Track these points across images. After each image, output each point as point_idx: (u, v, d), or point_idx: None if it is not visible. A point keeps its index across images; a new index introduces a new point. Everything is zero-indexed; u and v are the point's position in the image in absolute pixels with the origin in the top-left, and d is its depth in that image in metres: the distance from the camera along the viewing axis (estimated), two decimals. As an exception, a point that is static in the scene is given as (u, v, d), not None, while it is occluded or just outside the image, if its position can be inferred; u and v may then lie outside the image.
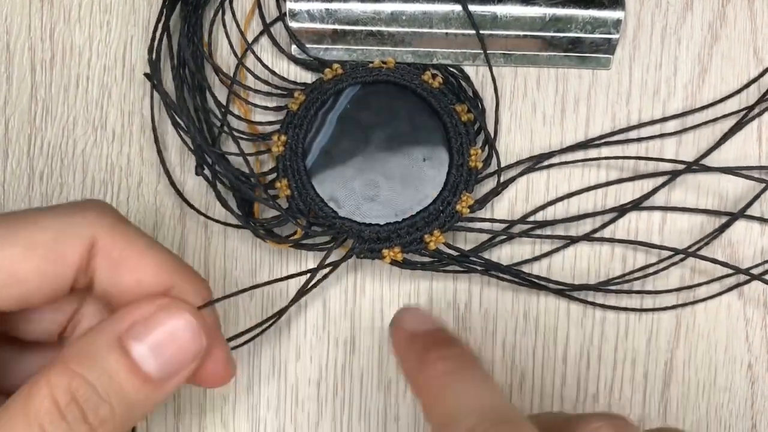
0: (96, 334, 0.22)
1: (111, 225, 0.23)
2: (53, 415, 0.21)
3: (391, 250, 0.29)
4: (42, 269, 0.22)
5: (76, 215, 0.23)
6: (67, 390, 0.21)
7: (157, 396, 0.22)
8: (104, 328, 0.22)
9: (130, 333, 0.22)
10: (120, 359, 0.21)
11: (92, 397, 0.21)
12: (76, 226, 0.23)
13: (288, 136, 0.30)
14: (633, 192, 0.31)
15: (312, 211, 0.30)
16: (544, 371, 0.31)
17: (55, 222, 0.23)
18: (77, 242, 0.23)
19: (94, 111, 0.31)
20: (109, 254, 0.23)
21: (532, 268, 0.31)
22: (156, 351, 0.22)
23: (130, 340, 0.22)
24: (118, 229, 0.23)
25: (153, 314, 0.22)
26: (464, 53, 0.30)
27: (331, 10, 0.30)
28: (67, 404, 0.21)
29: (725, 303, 0.31)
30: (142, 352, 0.22)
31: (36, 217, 0.23)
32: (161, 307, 0.22)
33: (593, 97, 0.31)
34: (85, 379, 0.21)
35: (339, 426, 0.32)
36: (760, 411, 0.32)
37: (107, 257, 0.23)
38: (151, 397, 0.22)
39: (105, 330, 0.22)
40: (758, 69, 0.31)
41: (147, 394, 0.22)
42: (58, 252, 0.22)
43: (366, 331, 0.31)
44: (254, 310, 0.31)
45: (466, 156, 0.30)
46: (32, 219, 0.23)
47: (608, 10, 0.29)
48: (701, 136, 0.31)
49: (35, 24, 0.31)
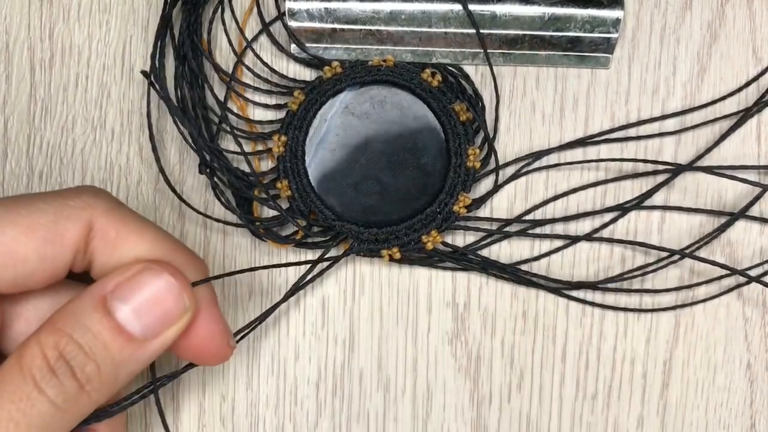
0: (82, 296, 0.23)
1: (107, 207, 0.24)
2: (44, 369, 0.21)
3: (390, 249, 0.30)
4: (41, 250, 0.23)
5: (73, 198, 0.24)
6: (55, 347, 0.22)
7: (142, 355, 0.23)
8: (90, 290, 0.23)
9: (113, 294, 0.23)
10: (103, 319, 0.22)
11: (78, 355, 0.22)
12: (73, 208, 0.23)
13: (288, 137, 0.30)
14: (632, 191, 0.31)
15: (312, 213, 0.30)
16: (543, 370, 0.31)
17: (53, 205, 0.23)
18: (75, 224, 0.23)
19: (94, 110, 0.31)
20: (106, 235, 0.24)
21: (531, 266, 0.31)
22: (139, 310, 0.23)
23: (113, 300, 0.23)
24: (114, 210, 0.24)
25: (135, 275, 0.23)
26: (463, 52, 0.30)
27: (330, 9, 0.30)
28: (56, 360, 0.22)
29: (724, 302, 0.31)
30: (125, 311, 0.22)
31: (34, 200, 0.23)
32: (143, 269, 0.23)
33: (592, 96, 0.31)
34: (71, 337, 0.22)
35: (338, 425, 0.32)
36: (759, 410, 0.32)
37: (105, 238, 0.24)
38: (136, 356, 0.23)
39: (90, 292, 0.23)
40: (757, 68, 0.31)
41: (131, 353, 0.23)
42: (57, 233, 0.23)
43: (365, 331, 0.31)
44: (252, 308, 0.31)
45: (464, 156, 0.30)
46: (31, 202, 0.23)
47: (607, 9, 0.29)
48: (700, 136, 0.31)
49: (34, 23, 0.31)
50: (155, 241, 0.24)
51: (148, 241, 0.24)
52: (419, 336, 0.31)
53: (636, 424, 0.32)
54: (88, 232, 0.24)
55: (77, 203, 0.24)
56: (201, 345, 0.25)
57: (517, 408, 0.32)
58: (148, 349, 0.23)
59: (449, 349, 0.31)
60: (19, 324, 0.25)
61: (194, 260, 0.25)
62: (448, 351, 0.31)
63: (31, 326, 0.25)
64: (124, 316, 0.22)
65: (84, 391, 0.22)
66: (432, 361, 0.31)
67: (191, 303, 0.24)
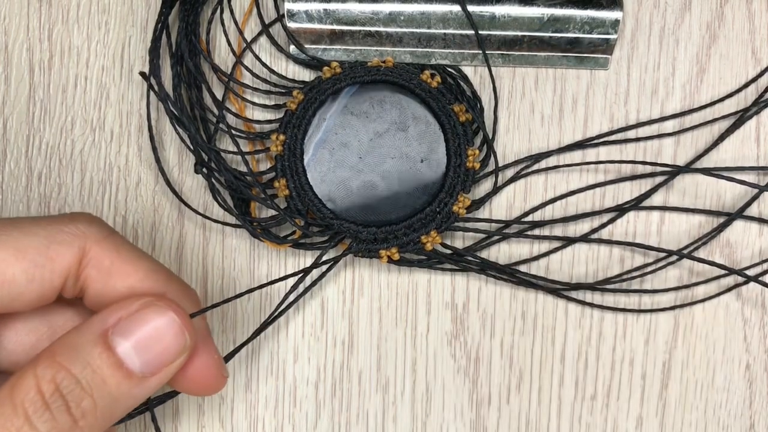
0: (83, 329, 0.23)
1: (101, 235, 0.24)
2: (38, 403, 0.21)
3: (388, 250, 0.30)
4: (30, 272, 0.23)
5: (68, 225, 0.24)
6: (52, 381, 0.21)
7: (139, 392, 0.23)
8: (91, 323, 0.23)
9: (115, 329, 0.22)
10: (104, 354, 0.22)
11: (75, 390, 0.22)
12: (66, 234, 0.23)
13: (287, 136, 0.30)
14: (631, 192, 0.31)
15: (310, 212, 0.30)
16: (542, 371, 0.31)
17: (47, 229, 0.23)
18: (67, 250, 0.23)
19: (93, 111, 0.31)
20: (100, 263, 0.24)
21: (530, 267, 0.31)
22: (139, 347, 0.22)
23: (114, 335, 0.22)
24: (108, 239, 0.24)
25: (138, 311, 0.23)
26: (462, 53, 0.30)
27: (329, 11, 0.30)
28: (51, 394, 0.21)
29: (723, 303, 0.31)
30: (125, 347, 0.22)
31: (27, 223, 0.23)
32: (146, 305, 0.23)
33: (591, 97, 0.31)
34: (70, 371, 0.22)
35: (337, 426, 0.32)
36: (758, 411, 0.32)
37: (98, 266, 0.24)
38: (134, 392, 0.23)
39: (91, 325, 0.23)
40: (756, 69, 0.31)
41: (129, 389, 0.22)
42: (48, 257, 0.23)
43: (364, 332, 0.31)
44: (252, 310, 0.31)
45: (464, 157, 0.30)
46: (23, 225, 0.23)
47: (606, 10, 0.29)
48: (699, 137, 0.31)
49: (33, 24, 0.31)
50: (150, 271, 0.24)
51: (142, 271, 0.24)
52: (418, 337, 0.31)
53: (635, 424, 0.32)
54: (80, 259, 0.24)
55: (71, 229, 0.23)
56: (196, 378, 0.25)
57: (516, 408, 0.32)
58: (146, 385, 0.23)
59: (448, 350, 0.31)
60: (8, 343, 0.25)
61: (187, 291, 0.25)
62: (447, 352, 0.31)
63: (20, 346, 0.25)
64: (125, 352, 0.22)
65: (77, 427, 0.22)
66: (431, 362, 0.31)
67: (191, 340, 0.23)
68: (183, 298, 0.25)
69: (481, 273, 0.31)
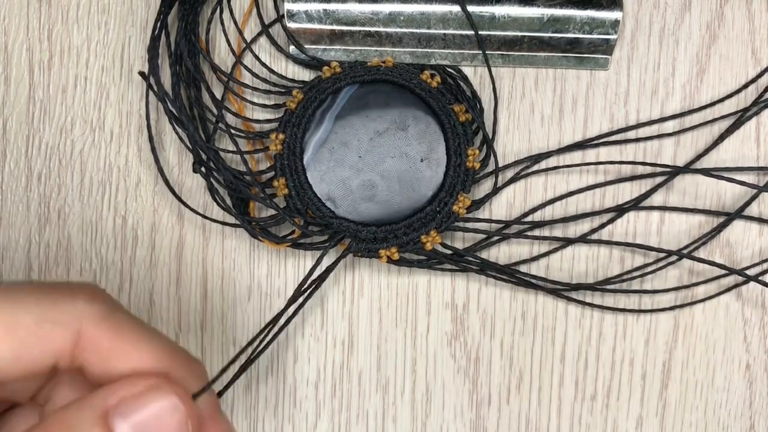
0: (81, 407, 0.21)
1: (100, 316, 0.23)
2: None
3: (388, 249, 0.30)
4: (17, 352, 0.21)
5: (65, 302, 0.22)
6: None
7: None
8: (91, 402, 0.22)
9: (115, 410, 0.21)
10: None
11: None
12: (61, 313, 0.22)
13: (286, 135, 0.30)
14: (631, 192, 0.31)
15: (309, 211, 0.30)
16: (542, 371, 0.31)
17: (40, 305, 0.22)
18: (60, 330, 0.22)
19: (92, 111, 0.31)
20: (98, 346, 0.22)
21: (530, 268, 0.31)
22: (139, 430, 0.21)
23: (115, 417, 0.21)
24: (108, 319, 0.23)
25: (141, 393, 0.22)
26: (462, 54, 0.30)
27: (329, 11, 0.30)
28: None
29: (723, 303, 0.31)
30: (125, 429, 0.21)
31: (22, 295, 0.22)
32: (150, 387, 0.22)
33: (591, 97, 0.31)
34: None
35: (337, 426, 0.32)
36: (758, 411, 0.32)
37: (97, 350, 0.22)
38: None
39: (91, 404, 0.21)
40: (756, 69, 0.31)
41: None
42: (38, 336, 0.22)
43: (364, 332, 0.31)
44: (252, 312, 0.31)
45: (464, 156, 0.30)
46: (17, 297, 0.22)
47: (606, 10, 0.29)
48: (699, 137, 0.31)
49: (33, 25, 0.31)
50: (152, 350, 0.23)
51: (145, 351, 0.23)
52: (418, 337, 0.31)
53: (635, 424, 0.32)
54: (75, 342, 0.22)
55: (68, 308, 0.22)
56: None
57: (516, 409, 0.32)
58: None
59: (448, 351, 0.31)
60: None
61: (193, 365, 0.24)
62: (447, 352, 0.31)
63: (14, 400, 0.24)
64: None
65: None
66: (431, 362, 0.31)
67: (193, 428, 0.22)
68: (188, 374, 0.23)
69: (481, 273, 0.31)
